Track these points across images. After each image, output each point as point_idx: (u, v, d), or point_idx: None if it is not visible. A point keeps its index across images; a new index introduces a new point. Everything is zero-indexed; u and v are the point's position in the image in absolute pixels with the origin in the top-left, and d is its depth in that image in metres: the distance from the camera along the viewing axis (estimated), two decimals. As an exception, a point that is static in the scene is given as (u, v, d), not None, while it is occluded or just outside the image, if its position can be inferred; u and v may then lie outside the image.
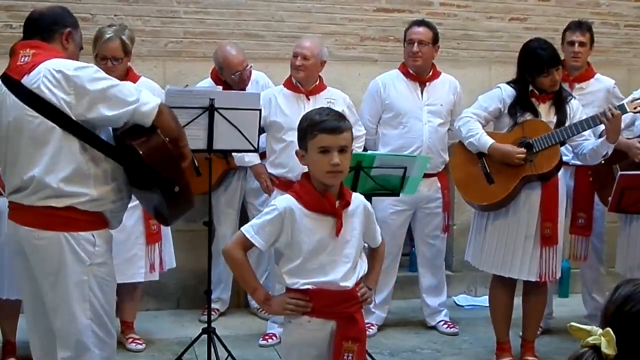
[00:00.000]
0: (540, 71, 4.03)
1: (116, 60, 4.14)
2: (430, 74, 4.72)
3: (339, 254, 2.64)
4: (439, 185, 4.76)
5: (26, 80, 2.69)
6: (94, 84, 2.69)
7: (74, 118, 2.68)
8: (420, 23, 4.69)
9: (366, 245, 2.83)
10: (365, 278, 2.77)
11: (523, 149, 3.96)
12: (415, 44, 4.58)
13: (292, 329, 2.71)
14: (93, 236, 2.76)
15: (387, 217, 4.69)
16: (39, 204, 2.71)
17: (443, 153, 4.73)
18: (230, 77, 4.70)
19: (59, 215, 2.70)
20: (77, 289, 2.74)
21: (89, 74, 2.71)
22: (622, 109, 3.98)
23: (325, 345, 2.65)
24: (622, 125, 4.09)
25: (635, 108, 3.98)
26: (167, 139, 2.81)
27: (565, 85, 4.65)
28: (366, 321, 4.58)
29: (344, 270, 2.63)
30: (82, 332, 2.76)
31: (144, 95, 2.81)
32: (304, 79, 4.46)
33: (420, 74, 4.71)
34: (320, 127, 2.59)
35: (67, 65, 2.71)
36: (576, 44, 4.66)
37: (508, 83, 4.19)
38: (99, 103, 2.68)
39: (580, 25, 4.71)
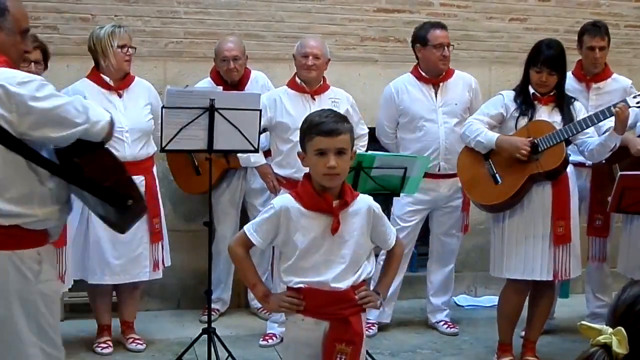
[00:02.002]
0: (534, 63, 4.05)
1: (131, 47, 4.34)
2: (444, 73, 4.71)
3: (335, 254, 2.64)
4: (459, 185, 4.63)
5: None
6: (38, 102, 2.45)
7: (16, 136, 2.44)
8: (443, 26, 4.66)
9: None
10: (378, 281, 2.81)
11: (529, 140, 3.96)
12: (446, 47, 4.58)
13: (289, 326, 2.76)
14: (38, 253, 2.60)
15: (404, 216, 4.70)
16: None
17: None
18: (220, 64, 4.75)
19: (3, 233, 2.49)
20: (23, 310, 2.57)
21: (31, 90, 2.45)
22: (625, 104, 3.98)
23: (319, 345, 2.65)
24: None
25: (638, 102, 3.98)
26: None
27: (582, 85, 4.67)
28: (367, 321, 4.62)
29: (337, 271, 2.63)
30: (29, 351, 2.60)
31: (94, 113, 2.62)
32: (315, 78, 4.45)
33: (435, 75, 4.70)
34: (317, 130, 2.60)
35: (9, 78, 2.43)
36: (597, 50, 4.59)
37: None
38: (44, 124, 2.48)
39: (600, 29, 4.61)
